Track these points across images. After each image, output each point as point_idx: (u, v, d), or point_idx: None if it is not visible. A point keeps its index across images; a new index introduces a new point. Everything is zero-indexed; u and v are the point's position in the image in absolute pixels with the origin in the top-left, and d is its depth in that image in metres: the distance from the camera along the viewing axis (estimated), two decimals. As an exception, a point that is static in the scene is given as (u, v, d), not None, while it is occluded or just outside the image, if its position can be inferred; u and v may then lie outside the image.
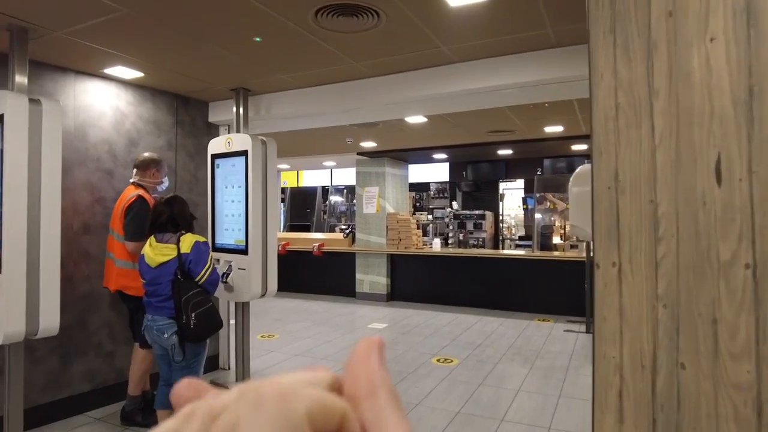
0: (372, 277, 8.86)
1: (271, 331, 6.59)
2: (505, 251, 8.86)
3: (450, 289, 8.32)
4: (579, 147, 7.81)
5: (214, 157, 4.38)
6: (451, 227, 10.89)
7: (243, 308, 4.39)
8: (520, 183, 12.00)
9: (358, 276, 9.02)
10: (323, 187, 11.57)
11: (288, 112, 4.54)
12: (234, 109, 4.46)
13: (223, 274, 4.20)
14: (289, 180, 13.01)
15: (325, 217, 11.52)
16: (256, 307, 8.13)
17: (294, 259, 9.77)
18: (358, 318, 7.44)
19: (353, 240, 9.22)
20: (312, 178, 12.44)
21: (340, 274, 9.33)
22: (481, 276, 8.11)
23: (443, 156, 8.70)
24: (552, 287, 7.65)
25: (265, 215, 4.13)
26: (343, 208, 12.31)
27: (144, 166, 3.75)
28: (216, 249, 4.35)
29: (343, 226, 10.80)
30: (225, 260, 4.27)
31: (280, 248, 9.63)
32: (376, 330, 6.68)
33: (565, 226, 10.94)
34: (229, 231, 4.28)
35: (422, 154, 8.56)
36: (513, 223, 12.86)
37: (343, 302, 8.73)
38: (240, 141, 4.13)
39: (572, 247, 9.38)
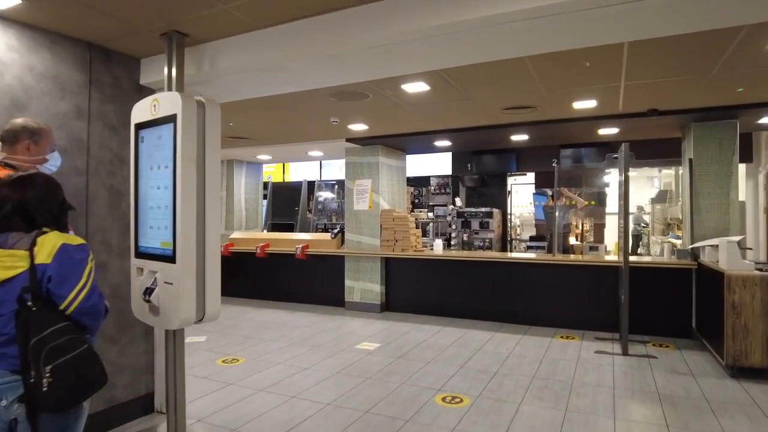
0: (364, 285, 7.63)
1: (236, 354, 5.36)
2: (520, 254, 7.64)
3: (455, 299, 7.10)
4: (608, 131, 6.60)
5: (138, 127, 3.15)
6: (453, 226, 9.67)
7: (174, 338, 3.15)
8: (529, 177, 10.79)
9: (347, 283, 7.79)
10: (309, 182, 10.29)
11: (239, 64, 3.31)
12: (166, 61, 3.23)
13: (146, 290, 2.98)
14: (274, 174, 11.77)
15: (311, 215, 10.27)
16: (225, 321, 6.89)
17: (275, 264, 8.54)
18: (346, 335, 6.21)
19: (342, 241, 7.99)
20: (300, 172, 11.21)
21: (327, 280, 8.10)
22: (491, 283, 6.89)
23: (446, 143, 7.49)
24: (576, 297, 6.45)
25: (202, 207, 2.89)
26: (335, 206, 11.08)
27: (12, 138, 2.51)
28: (139, 255, 3.12)
29: (330, 225, 9.56)
30: (150, 270, 3.04)
31: (258, 251, 8.41)
32: (366, 352, 5.45)
33: (583, 226, 9.74)
34: (155, 229, 3.04)
35: (422, 141, 7.35)
36: (518, 223, 11.63)
37: (330, 314, 7.50)
38: (168, 102, 2.90)
39: (591, 249, 8.21)
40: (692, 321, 5.90)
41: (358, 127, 6.45)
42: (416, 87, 4.47)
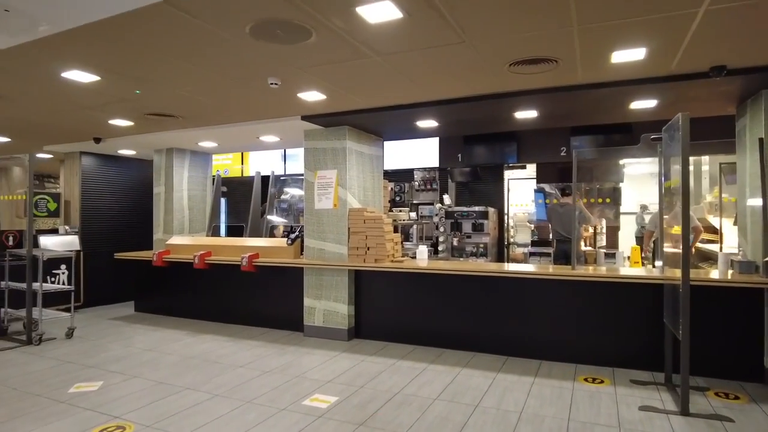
0: (327, 305, 5.98)
1: (125, 417, 3.66)
2: (528, 267, 6.05)
3: (445, 325, 5.48)
4: (643, 104, 5.02)
5: None
6: (441, 229, 8.06)
7: None
8: (529, 170, 9.23)
9: (307, 302, 6.13)
10: (264, 176, 8.55)
11: None
12: None
13: None
14: (232, 168, 10.05)
15: (273, 216, 8.56)
16: (142, 356, 5.22)
17: (218, 277, 6.85)
18: (295, 380, 4.54)
19: (301, 248, 6.33)
20: (263, 165, 9.48)
21: (282, 298, 6.43)
22: (492, 305, 5.28)
23: (431, 124, 5.86)
24: (601, 323, 4.88)
25: None
26: (302, 205, 9.40)
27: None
28: None
29: (294, 230, 7.88)
30: None
31: (196, 260, 6.71)
32: (315, 414, 3.80)
33: (596, 229, 8.19)
34: None
35: (401, 120, 5.71)
36: (511, 224, 10.04)
37: (284, 342, 5.83)
38: None
39: (607, 256, 6.67)
40: (765, 358, 4.35)
41: (313, 97, 4.80)
42: (382, 11, 2.83)
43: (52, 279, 7.44)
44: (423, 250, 6.30)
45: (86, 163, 8.22)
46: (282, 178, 9.54)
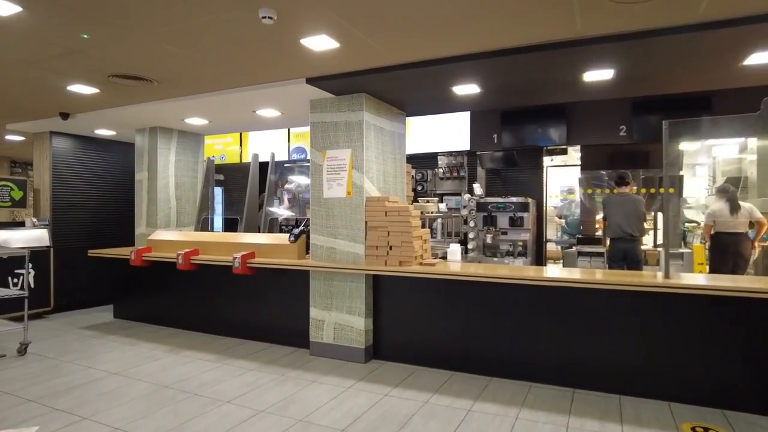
0: (339, 317, 4.81)
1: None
2: (602, 276, 4.82)
3: (489, 345, 4.29)
4: (762, 57, 3.76)
5: None
6: (472, 223, 6.85)
7: None
8: (572, 156, 7.97)
9: (314, 313, 4.96)
10: (261, 162, 7.28)
11: None
12: None
13: None
14: (229, 153, 8.90)
15: (274, 208, 7.37)
16: (106, 381, 4.06)
17: (208, 279, 5.71)
18: (299, 427, 3.37)
19: (307, 247, 5.16)
20: (265, 148, 8.29)
21: (284, 307, 5.27)
22: (551, 321, 4.07)
23: (469, 90, 4.62)
24: (703, 348, 3.66)
25: None
26: (309, 195, 8.24)
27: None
28: None
29: (299, 223, 6.71)
30: None
31: (180, 260, 5.53)
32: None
33: (655, 225, 6.93)
34: None
35: (431, 86, 4.49)
36: (558, 217, 8.72)
37: (285, 363, 4.66)
38: None
39: (672, 256, 5.44)
40: None
41: (321, 44, 3.58)
42: None
43: (15, 280, 6.33)
44: (455, 250, 5.10)
45: (58, 145, 7.07)
46: (286, 165, 8.36)
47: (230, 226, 6.94)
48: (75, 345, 5.34)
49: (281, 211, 7.67)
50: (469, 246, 6.82)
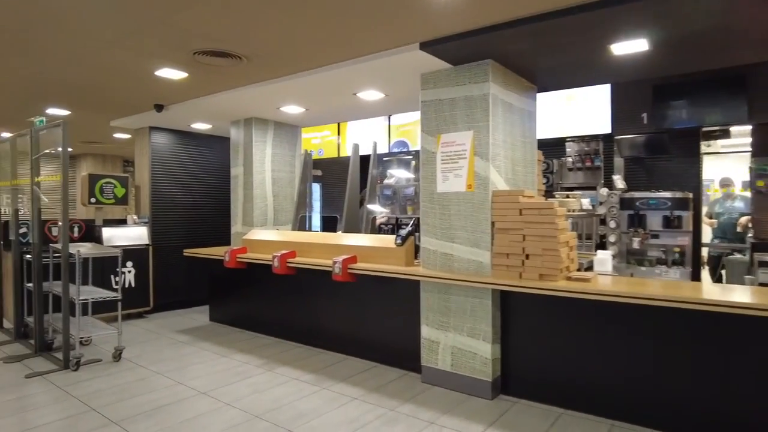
0: (457, 339, 3.91)
1: None
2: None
3: (669, 390, 3.14)
4: None
5: None
6: (613, 224, 5.60)
7: None
8: (736, 139, 6.36)
9: (426, 332, 4.11)
10: (362, 155, 6.46)
11: None
12: None
13: None
14: (326, 147, 8.35)
15: (374, 206, 6.62)
16: (194, 404, 3.49)
17: (306, 284, 5.11)
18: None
19: (415, 252, 4.32)
20: (365, 139, 7.60)
21: (390, 321, 4.49)
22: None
23: (637, 48, 3.47)
24: None
25: None
26: (410, 191, 7.43)
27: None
28: None
29: (405, 223, 5.91)
30: None
31: (276, 263, 4.86)
32: None
33: None
34: None
35: (588, 36, 3.39)
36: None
37: (392, 392, 3.86)
38: None
39: None
40: None
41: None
42: None
43: (117, 279, 6.20)
44: (605, 259, 4.00)
45: (157, 141, 6.90)
46: (385, 158, 7.61)
47: (329, 224, 6.31)
48: (168, 352, 4.98)
49: (378, 209, 6.92)
50: (609, 252, 5.58)
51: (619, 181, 5.82)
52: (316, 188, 8.38)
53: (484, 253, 3.75)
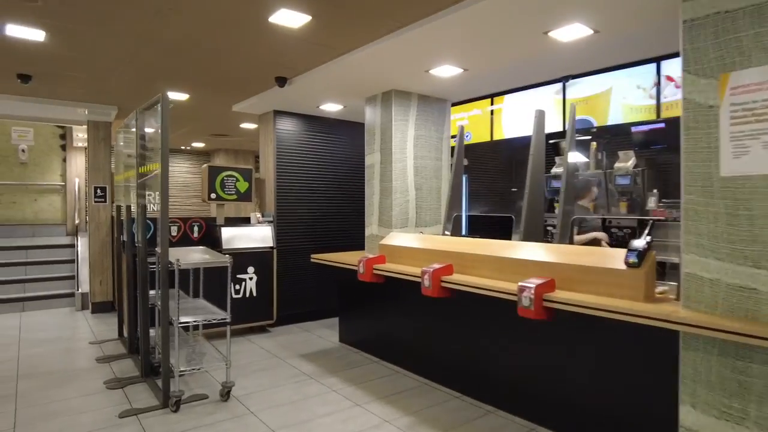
0: (770, 448, 2.12)
1: None
2: None
3: None
4: None
5: None
6: None
7: None
8: None
9: (689, 420, 2.37)
10: (514, 138, 4.63)
11: None
12: None
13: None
14: (474, 129, 6.78)
15: (578, 202, 4.86)
16: None
17: (468, 311, 3.64)
18: None
19: (658, 275, 2.58)
20: (524, 126, 5.89)
21: (611, 385, 2.81)
22: None
23: None
24: None
25: None
26: (594, 178, 5.52)
27: None
28: None
29: (620, 227, 4.16)
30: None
31: (426, 282, 3.54)
32: None
33: None
34: None
35: None
36: None
37: None
38: None
39: None
40: None
41: None
42: None
43: (237, 287, 5.34)
44: None
45: (282, 127, 5.96)
46: (551, 141, 5.81)
47: (494, 228, 4.76)
48: (287, 392, 3.84)
49: (589, 214, 5.17)
50: None
51: None
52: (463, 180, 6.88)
53: None
